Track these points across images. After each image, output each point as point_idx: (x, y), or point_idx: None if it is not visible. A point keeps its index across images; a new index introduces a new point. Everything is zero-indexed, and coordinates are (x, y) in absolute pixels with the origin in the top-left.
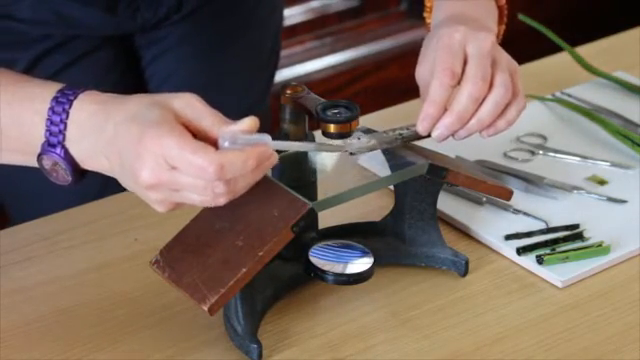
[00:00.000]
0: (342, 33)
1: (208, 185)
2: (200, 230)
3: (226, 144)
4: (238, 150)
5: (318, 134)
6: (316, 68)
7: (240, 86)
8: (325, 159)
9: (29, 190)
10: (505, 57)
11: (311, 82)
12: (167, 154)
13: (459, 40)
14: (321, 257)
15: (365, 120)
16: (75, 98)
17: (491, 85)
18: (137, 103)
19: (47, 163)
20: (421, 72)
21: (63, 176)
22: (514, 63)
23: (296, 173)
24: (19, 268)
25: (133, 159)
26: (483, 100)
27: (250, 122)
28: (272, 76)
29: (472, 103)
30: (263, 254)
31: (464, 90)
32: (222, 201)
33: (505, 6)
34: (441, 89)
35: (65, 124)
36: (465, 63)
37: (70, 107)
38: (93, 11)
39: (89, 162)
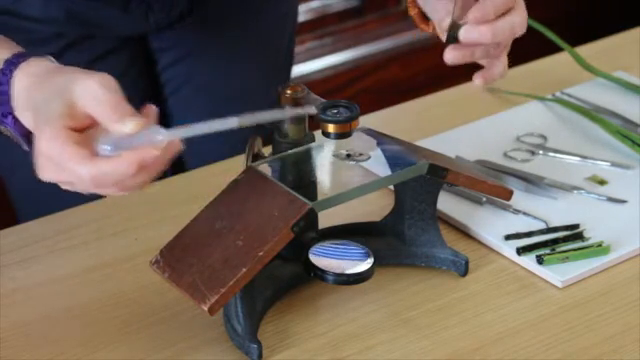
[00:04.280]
0: (342, 33)
1: (96, 188)
2: (200, 230)
3: (108, 148)
4: (115, 158)
5: (318, 134)
6: (316, 68)
7: (257, 90)
8: (325, 159)
9: (38, 190)
10: None
11: (311, 82)
12: (53, 158)
13: None
14: (321, 257)
15: (365, 120)
16: (16, 68)
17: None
18: (47, 89)
19: (5, 131)
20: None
21: (22, 144)
22: None
23: (296, 173)
24: (19, 268)
25: (35, 153)
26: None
27: (133, 125)
28: (288, 77)
29: (509, 31)
30: (263, 254)
31: (509, 18)
32: (126, 193)
33: None
34: (503, 3)
35: (9, 95)
36: None
37: (11, 78)
38: (105, 8)
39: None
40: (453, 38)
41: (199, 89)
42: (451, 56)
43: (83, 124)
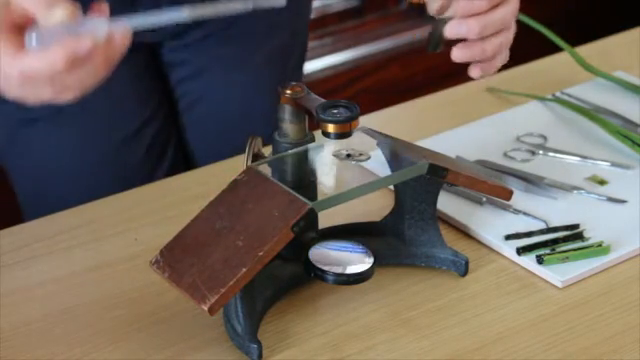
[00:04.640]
0: (342, 33)
1: (30, 88)
2: (200, 230)
3: (33, 40)
4: (43, 51)
5: (318, 134)
6: (316, 68)
7: (271, 103)
8: (325, 159)
9: (45, 191)
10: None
11: (311, 82)
12: None
13: None
14: (321, 257)
15: (365, 120)
16: None
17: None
18: None
19: None
20: None
21: None
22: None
23: (296, 173)
24: (19, 268)
25: None
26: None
27: (61, 14)
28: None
29: (498, 26)
30: (263, 254)
31: (501, 11)
32: (64, 99)
33: None
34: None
35: None
36: None
37: None
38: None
39: None
40: (438, 35)
41: (213, 107)
42: (459, 54)
43: (22, 24)
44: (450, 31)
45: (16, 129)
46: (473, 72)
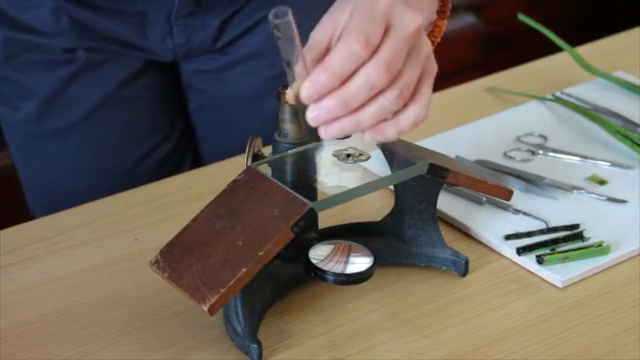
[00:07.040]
0: None
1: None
2: (200, 230)
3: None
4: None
5: None
6: None
7: None
8: (325, 159)
9: (56, 198)
10: (425, 52)
11: None
12: None
13: (383, 9)
14: (321, 257)
15: None
16: None
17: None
18: None
19: None
20: (318, 31)
21: None
22: (433, 64)
23: (296, 173)
24: (19, 268)
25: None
26: (375, 95)
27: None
28: None
29: (366, 91)
30: (263, 254)
31: (363, 72)
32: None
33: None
34: (346, 57)
35: None
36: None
37: None
38: (120, 26)
39: None
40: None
41: (229, 140)
42: (326, 133)
43: None
44: (312, 121)
45: (25, 143)
46: (366, 136)
